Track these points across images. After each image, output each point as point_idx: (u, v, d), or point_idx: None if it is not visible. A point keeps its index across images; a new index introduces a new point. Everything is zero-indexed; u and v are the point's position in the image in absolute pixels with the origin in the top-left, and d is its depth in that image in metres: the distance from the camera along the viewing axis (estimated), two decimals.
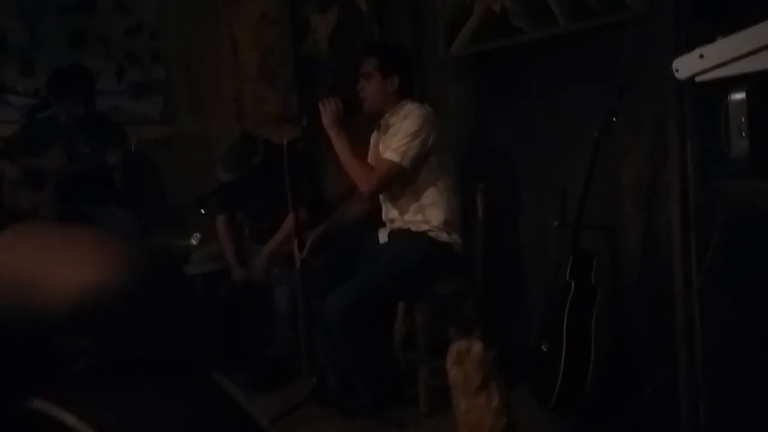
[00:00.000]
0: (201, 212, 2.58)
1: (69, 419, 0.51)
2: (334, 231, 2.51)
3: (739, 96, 1.14)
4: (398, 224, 2.44)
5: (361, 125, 2.62)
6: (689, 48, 1.18)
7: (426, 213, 2.38)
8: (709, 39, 1.14)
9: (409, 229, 2.40)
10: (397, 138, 2.31)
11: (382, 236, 2.47)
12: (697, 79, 1.13)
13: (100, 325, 0.54)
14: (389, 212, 2.47)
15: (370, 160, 2.50)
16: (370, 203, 2.54)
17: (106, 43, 3.62)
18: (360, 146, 2.54)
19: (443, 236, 2.37)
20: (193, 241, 2.56)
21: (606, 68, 2.32)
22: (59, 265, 0.52)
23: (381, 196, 2.48)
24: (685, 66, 1.14)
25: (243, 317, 3.01)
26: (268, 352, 2.78)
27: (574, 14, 2.35)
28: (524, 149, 2.63)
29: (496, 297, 2.61)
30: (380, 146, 2.43)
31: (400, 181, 2.37)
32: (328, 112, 2.34)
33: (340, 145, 2.34)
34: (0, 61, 3.31)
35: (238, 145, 2.73)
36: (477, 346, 1.65)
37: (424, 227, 2.38)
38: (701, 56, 1.11)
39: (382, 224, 2.53)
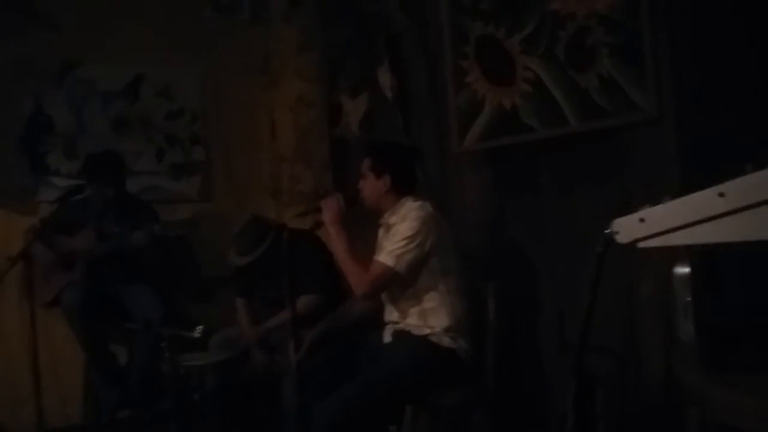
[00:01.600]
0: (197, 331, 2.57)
1: None
2: (335, 329, 2.46)
3: (683, 270, 1.03)
4: (400, 326, 2.35)
5: (368, 223, 2.59)
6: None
7: (428, 317, 2.28)
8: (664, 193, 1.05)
9: (410, 332, 2.31)
10: (392, 241, 2.25)
11: (387, 335, 2.40)
12: (640, 245, 1.03)
13: None
14: (391, 314, 2.39)
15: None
16: (374, 302, 2.48)
17: (147, 126, 3.79)
18: (364, 245, 2.51)
19: (446, 341, 2.27)
20: (197, 334, 2.57)
21: (618, 169, 2.21)
22: None
23: (383, 297, 2.42)
24: (625, 229, 1.05)
25: (260, 405, 2.98)
26: None
27: (585, 114, 2.27)
28: (539, 246, 2.53)
29: (511, 407, 2.46)
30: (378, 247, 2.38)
31: (398, 285, 2.29)
32: (329, 210, 2.33)
33: (338, 245, 2.31)
34: (47, 145, 3.52)
35: (249, 228, 2.76)
36: None
37: (426, 331, 2.28)
38: (641, 220, 1.02)
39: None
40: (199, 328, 2.62)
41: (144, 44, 3.76)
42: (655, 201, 1.03)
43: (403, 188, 2.39)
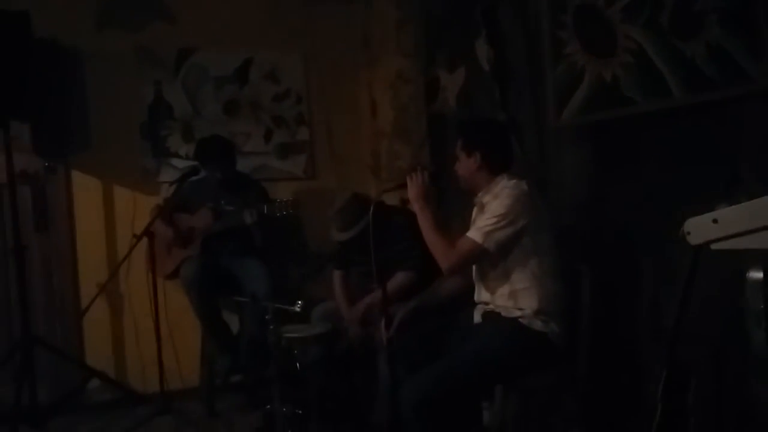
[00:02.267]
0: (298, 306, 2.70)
1: None
2: (427, 307, 2.48)
3: (755, 276, 0.95)
4: (490, 307, 2.34)
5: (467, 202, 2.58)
6: None
7: (518, 298, 2.25)
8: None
9: (499, 314, 2.29)
10: (484, 218, 2.22)
11: (477, 315, 2.40)
12: (713, 246, 0.96)
13: None
14: (480, 294, 2.38)
15: None
16: (466, 281, 2.48)
17: (256, 109, 3.98)
18: (462, 223, 2.50)
19: (537, 324, 2.23)
20: (297, 308, 2.70)
21: (726, 146, 2.04)
22: None
23: (473, 276, 2.41)
24: (697, 230, 0.98)
25: (357, 376, 3.09)
26: (372, 416, 2.83)
27: (691, 85, 2.11)
28: (639, 227, 2.40)
29: (603, 393, 2.38)
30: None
31: (488, 263, 2.27)
32: (414, 185, 2.34)
33: (423, 220, 2.31)
34: (167, 129, 3.80)
35: (349, 205, 2.84)
36: None
37: (516, 313, 2.25)
38: (715, 221, 0.95)
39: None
40: (300, 303, 2.75)
41: (251, 29, 3.93)
42: (732, 200, 0.95)
43: (495, 166, 2.34)
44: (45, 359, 3.36)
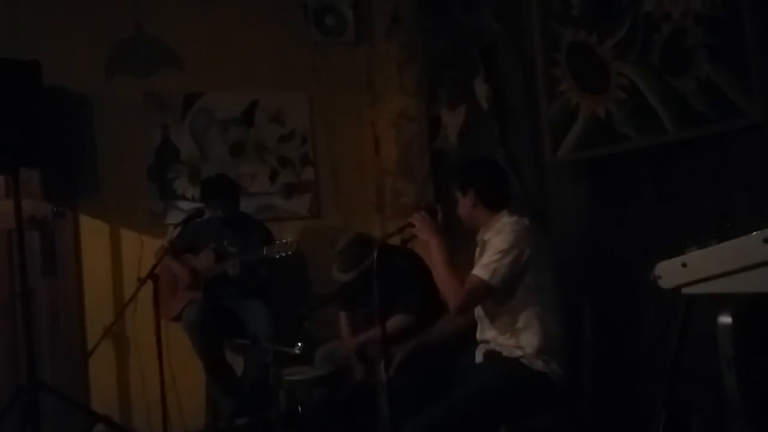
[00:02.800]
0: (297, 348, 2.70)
1: None
2: (427, 347, 2.46)
3: (725, 320, 0.94)
4: (492, 346, 2.31)
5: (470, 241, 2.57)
6: None
7: (520, 338, 2.22)
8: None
9: (501, 354, 2.26)
10: (488, 254, 2.21)
11: (478, 355, 2.37)
12: (684, 291, 0.95)
13: None
14: (483, 332, 2.35)
15: None
16: (467, 320, 2.45)
17: (261, 150, 4.04)
18: (466, 262, 2.49)
19: (538, 365, 2.19)
20: (297, 350, 2.69)
21: (721, 179, 2.02)
22: None
23: (476, 315, 2.38)
24: (668, 274, 0.97)
25: (361, 418, 3.05)
26: None
27: (683, 121, 2.10)
28: (638, 261, 2.36)
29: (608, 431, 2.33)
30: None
31: (494, 301, 2.25)
32: (423, 224, 2.33)
33: (435, 257, 2.29)
34: (174, 172, 3.86)
35: (351, 246, 2.85)
36: None
37: (517, 353, 2.22)
38: (684, 265, 0.94)
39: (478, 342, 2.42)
40: (300, 345, 2.74)
41: (257, 72, 4.02)
42: (701, 245, 0.94)
43: (492, 202, 2.34)
44: (51, 403, 3.35)
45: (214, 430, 3.41)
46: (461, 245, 2.46)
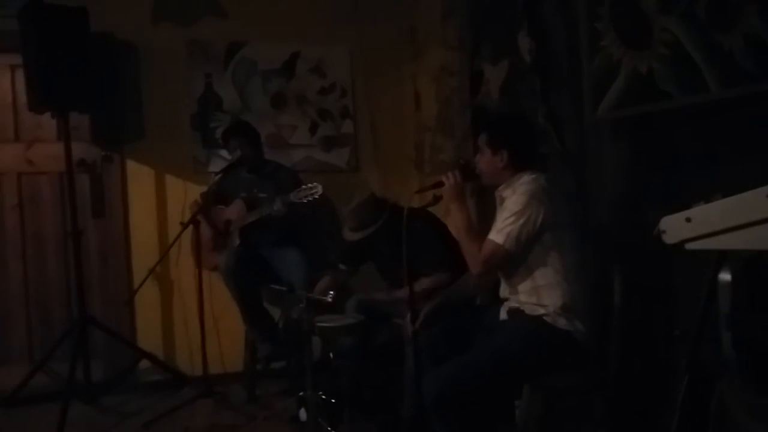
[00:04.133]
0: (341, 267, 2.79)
1: None
2: (453, 302, 2.49)
3: (725, 277, 0.92)
4: (514, 303, 2.32)
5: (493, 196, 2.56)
6: None
7: (541, 295, 2.22)
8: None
9: (524, 311, 2.27)
10: (502, 217, 2.21)
11: (503, 312, 2.38)
12: (687, 246, 0.94)
13: None
14: (504, 290, 2.36)
15: None
16: (491, 276, 2.46)
17: (302, 102, 4.06)
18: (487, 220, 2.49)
19: (561, 322, 2.20)
20: (329, 299, 2.75)
21: (766, 140, 1.94)
22: None
23: (499, 273, 2.39)
24: (672, 228, 0.96)
25: (390, 368, 3.12)
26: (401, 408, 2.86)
27: (728, 79, 2.01)
28: None
29: (632, 395, 2.32)
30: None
31: (511, 262, 2.25)
32: (449, 185, 2.34)
33: (457, 221, 2.31)
34: (217, 121, 3.93)
35: (364, 206, 2.85)
36: None
37: (540, 311, 2.22)
38: (688, 220, 0.93)
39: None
40: (331, 293, 2.81)
41: (299, 23, 4.01)
42: (707, 198, 0.93)
43: (520, 164, 2.32)
44: (100, 339, 3.57)
45: (251, 371, 3.55)
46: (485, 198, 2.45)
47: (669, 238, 0.99)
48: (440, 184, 2.39)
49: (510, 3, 3.35)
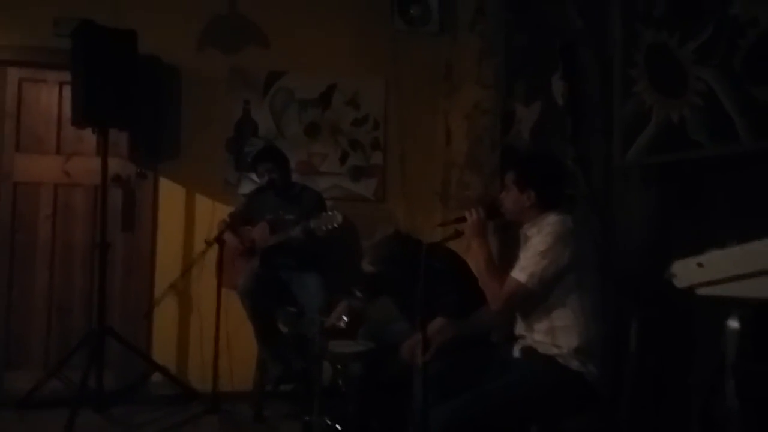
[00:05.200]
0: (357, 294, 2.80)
1: None
2: (467, 336, 2.46)
3: (733, 324, 0.90)
4: (528, 342, 2.28)
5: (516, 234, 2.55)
6: None
7: (557, 336, 2.18)
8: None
9: (536, 350, 2.23)
10: (526, 256, 2.19)
11: (516, 349, 2.34)
12: (698, 292, 0.92)
13: None
14: (520, 327, 2.33)
15: None
16: (510, 314, 2.43)
17: (335, 132, 4.13)
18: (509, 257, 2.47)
19: (574, 364, 2.15)
20: (341, 324, 2.75)
21: None
22: None
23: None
24: (683, 273, 0.94)
25: (398, 398, 3.07)
26: None
27: (760, 131, 1.99)
28: None
29: None
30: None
31: (531, 301, 2.23)
32: (472, 221, 2.34)
33: (478, 258, 2.29)
34: (251, 146, 4.00)
35: (387, 242, 2.86)
36: None
37: (554, 351, 2.18)
38: (700, 265, 0.91)
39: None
40: (345, 319, 2.81)
41: (338, 55, 4.11)
42: (722, 245, 0.91)
43: (547, 204, 2.30)
44: (115, 349, 3.60)
45: (260, 391, 3.54)
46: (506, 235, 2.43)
47: (680, 282, 0.98)
48: (463, 219, 2.39)
49: (546, 46, 3.39)
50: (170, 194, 3.90)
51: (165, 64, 3.86)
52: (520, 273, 2.18)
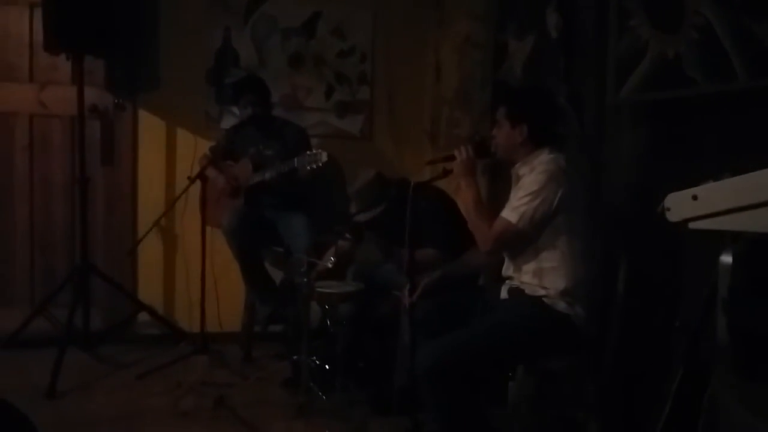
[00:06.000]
0: (329, 261, 2.76)
1: None
2: (453, 277, 2.45)
3: (726, 260, 0.86)
4: (516, 283, 2.28)
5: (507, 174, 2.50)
6: None
7: (544, 277, 2.17)
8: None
9: (524, 291, 2.23)
10: (517, 195, 2.15)
11: (504, 291, 2.34)
12: (690, 226, 0.88)
13: None
14: (508, 269, 2.32)
15: None
16: (500, 255, 2.41)
17: (319, 64, 3.98)
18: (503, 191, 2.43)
19: (561, 305, 2.15)
20: (329, 264, 2.73)
21: None
22: None
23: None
24: (677, 206, 0.90)
25: (386, 339, 3.10)
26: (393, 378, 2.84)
27: (757, 69, 1.92)
28: None
29: (627, 384, 2.28)
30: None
31: (522, 241, 2.20)
32: (461, 160, 2.28)
33: (467, 197, 2.26)
34: (232, 77, 3.85)
35: (370, 186, 2.80)
36: None
37: (541, 292, 2.18)
38: (694, 198, 0.87)
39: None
40: (332, 259, 2.78)
41: None
42: (716, 177, 0.87)
43: (539, 140, 2.25)
44: (100, 289, 3.57)
45: (248, 332, 3.55)
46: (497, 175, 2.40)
47: (673, 216, 0.94)
48: (452, 158, 2.33)
49: None
50: (150, 127, 3.78)
51: None
52: (510, 213, 2.14)
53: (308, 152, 3.04)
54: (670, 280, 2.29)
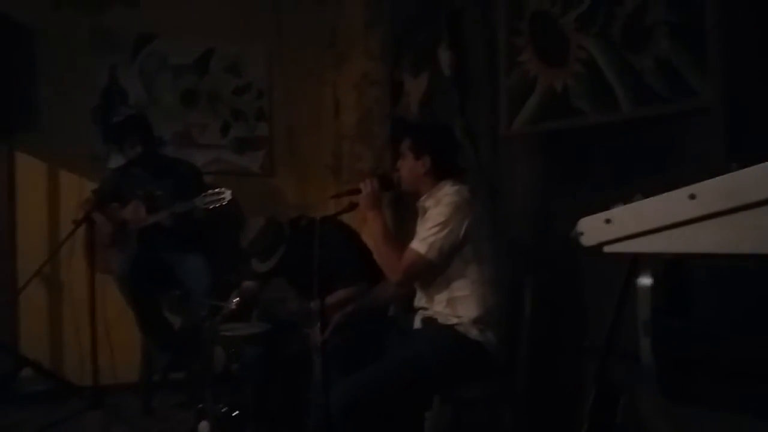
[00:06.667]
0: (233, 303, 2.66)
1: None
2: (365, 310, 2.42)
3: (645, 282, 0.91)
4: (429, 313, 2.28)
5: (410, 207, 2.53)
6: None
7: (456, 306, 2.20)
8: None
9: (436, 320, 2.24)
10: (425, 227, 2.18)
11: (417, 321, 2.34)
12: (606, 249, 0.91)
13: None
14: (420, 299, 2.33)
15: None
16: (410, 286, 2.42)
17: (214, 100, 3.89)
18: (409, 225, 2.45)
19: (473, 333, 2.18)
20: (232, 306, 2.62)
21: (674, 159, 2.01)
22: None
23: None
24: (590, 230, 0.93)
25: (299, 377, 3.00)
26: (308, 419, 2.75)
27: (638, 99, 2.08)
28: None
29: (541, 408, 2.33)
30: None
31: (431, 272, 2.22)
32: (366, 193, 2.28)
33: (375, 229, 2.25)
34: (121, 116, 3.65)
35: (263, 233, 2.73)
36: None
37: (453, 320, 2.20)
38: (608, 221, 0.90)
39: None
40: (236, 300, 2.68)
41: (216, 18, 3.85)
42: (627, 199, 0.91)
43: (442, 171, 2.30)
44: None
45: (147, 382, 3.32)
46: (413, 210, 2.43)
47: (587, 240, 0.96)
48: (357, 191, 2.33)
49: (432, 15, 3.36)
50: (30, 170, 3.52)
51: (15, 24, 3.43)
52: (419, 244, 2.16)
53: (210, 191, 2.92)
54: (574, 301, 2.39)
